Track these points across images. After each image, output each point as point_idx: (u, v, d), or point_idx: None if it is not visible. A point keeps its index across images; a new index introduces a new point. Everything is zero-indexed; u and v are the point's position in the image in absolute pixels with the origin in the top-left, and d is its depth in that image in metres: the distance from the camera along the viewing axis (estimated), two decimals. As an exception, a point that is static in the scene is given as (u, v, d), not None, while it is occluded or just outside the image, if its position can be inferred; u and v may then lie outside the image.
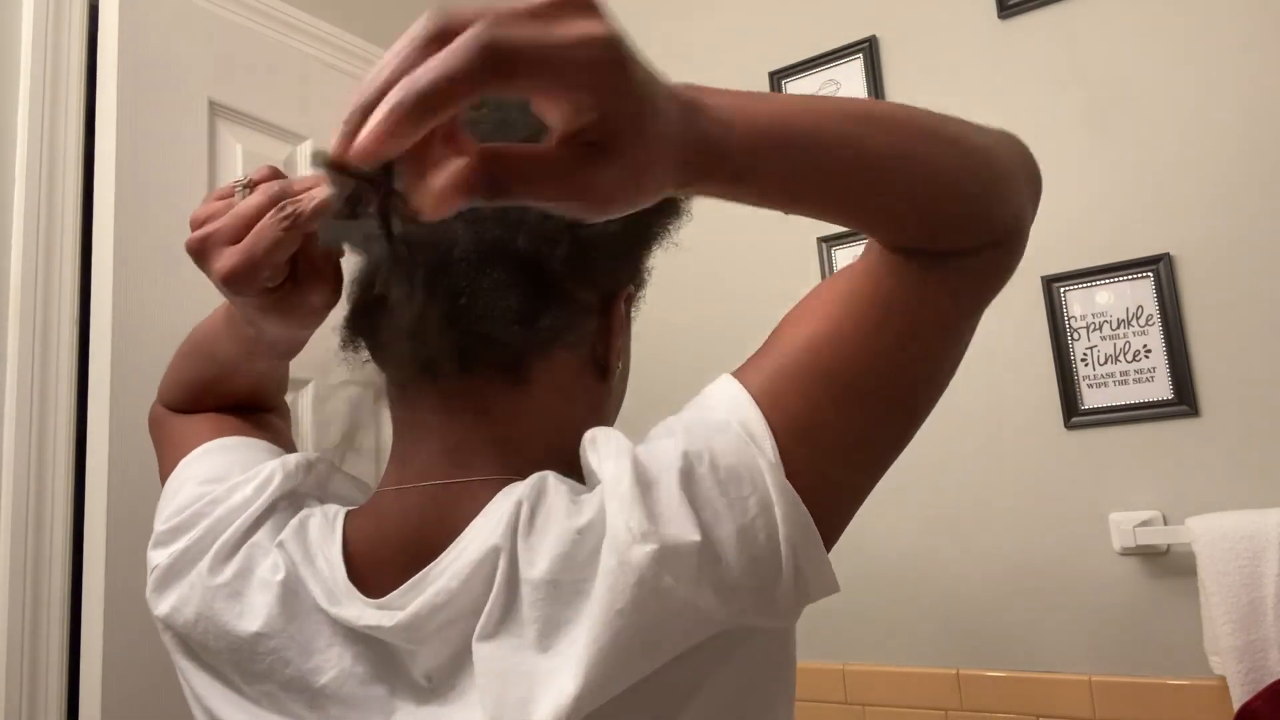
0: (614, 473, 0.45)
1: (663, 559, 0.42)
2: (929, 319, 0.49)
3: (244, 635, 0.49)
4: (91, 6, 1.21)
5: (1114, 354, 1.37)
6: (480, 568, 0.45)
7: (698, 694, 0.45)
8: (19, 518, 1.05)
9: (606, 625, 0.42)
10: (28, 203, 1.11)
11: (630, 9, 1.97)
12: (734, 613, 0.44)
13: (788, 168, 0.41)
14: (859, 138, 0.42)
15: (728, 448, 0.46)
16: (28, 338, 1.09)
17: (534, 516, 0.46)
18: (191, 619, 0.50)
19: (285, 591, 0.49)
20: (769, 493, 0.44)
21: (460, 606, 0.45)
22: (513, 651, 0.44)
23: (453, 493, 0.50)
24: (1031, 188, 0.52)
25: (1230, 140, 1.32)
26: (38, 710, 1.04)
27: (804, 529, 0.45)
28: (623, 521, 0.42)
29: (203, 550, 0.51)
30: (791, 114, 0.41)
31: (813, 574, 0.45)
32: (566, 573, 0.44)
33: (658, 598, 0.42)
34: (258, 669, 0.49)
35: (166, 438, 0.67)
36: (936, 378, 0.51)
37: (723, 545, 0.43)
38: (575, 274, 0.51)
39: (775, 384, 0.48)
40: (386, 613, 0.46)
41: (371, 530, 0.51)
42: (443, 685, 0.47)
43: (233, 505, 0.53)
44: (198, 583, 0.50)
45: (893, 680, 1.49)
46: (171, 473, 0.60)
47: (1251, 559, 1.15)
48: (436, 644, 0.46)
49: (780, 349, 0.50)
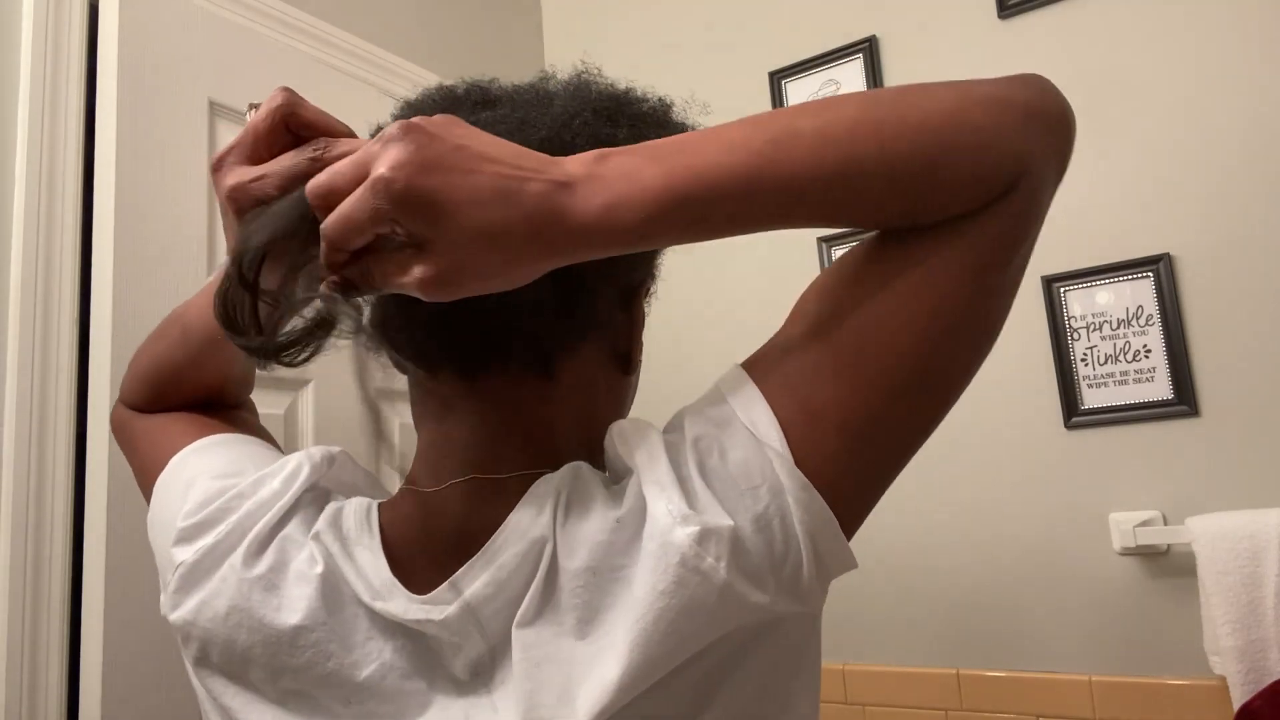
0: (648, 461, 0.45)
1: (704, 540, 0.42)
2: (935, 291, 0.46)
3: (283, 628, 0.48)
4: (91, 6, 1.21)
5: (1114, 354, 1.37)
6: (526, 559, 0.46)
7: (728, 681, 0.45)
8: (19, 518, 1.05)
9: (649, 606, 0.42)
10: (28, 203, 1.11)
11: (630, 9, 1.97)
12: (765, 598, 0.44)
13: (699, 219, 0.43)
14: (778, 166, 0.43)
15: (734, 440, 0.46)
16: (28, 338, 1.09)
17: (571, 506, 0.46)
18: (223, 613, 0.49)
19: (325, 584, 0.49)
20: (779, 480, 0.45)
21: (507, 598, 0.46)
22: (552, 638, 0.44)
23: (488, 487, 0.51)
24: (1041, 125, 0.47)
25: (1230, 140, 1.32)
26: (38, 710, 1.04)
27: (817, 513, 0.45)
28: (663, 506, 0.43)
29: (234, 544, 0.51)
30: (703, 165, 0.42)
31: (831, 556, 0.46)
32: (605, 560, 0.44)
33: (700, 578, 0.42)
34: (295, 663, 0.48)
35: (140, 437, 0.66)
36: (950, 352, 0.48)
37: (743, 533, 0.43)
38: (602, 269, 0.51)
39: (782, 372, 0.48)
40: (435, 607, 0.47)
41: (408, 525, 0.51)
42: (483, 676, 0.47)
43: (262, 498, 0.52)
44: (230, 576, 0.50)
45: (893, 680, 1.49)
46: (161, 472, 0.60)
47: (1251, 559, 1.15)
48: (480, 636, 0.47)
49: (787, 335, 0.50)
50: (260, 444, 0.62)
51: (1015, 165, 0.45)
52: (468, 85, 0.58)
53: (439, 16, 1.84)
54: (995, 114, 0.45)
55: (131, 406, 0.69)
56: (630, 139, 0.51)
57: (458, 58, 1.85)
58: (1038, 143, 0.46)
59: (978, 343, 0.48)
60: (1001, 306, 0.49)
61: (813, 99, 0.47)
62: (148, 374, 0.67)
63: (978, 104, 0.45)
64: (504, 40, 2.00)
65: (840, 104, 0.45)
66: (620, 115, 0.53)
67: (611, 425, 0.50)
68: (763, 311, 0.62)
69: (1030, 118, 0.46)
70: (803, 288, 0.53)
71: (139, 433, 0.67)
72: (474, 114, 0.53)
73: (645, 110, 0.55)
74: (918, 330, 0.46)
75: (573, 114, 0.52)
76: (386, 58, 1.66)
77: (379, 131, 0.55)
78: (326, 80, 1.48)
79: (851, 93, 0.47)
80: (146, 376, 0.67)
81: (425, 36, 1.79)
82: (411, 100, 0.58)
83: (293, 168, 0.47)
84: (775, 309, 0.54)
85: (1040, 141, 0.46)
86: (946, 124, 0.44)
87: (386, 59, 1.66)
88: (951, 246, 0.46)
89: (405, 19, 1.75)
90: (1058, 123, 0.48)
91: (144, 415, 0.67)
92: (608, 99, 0.55)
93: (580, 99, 0.54)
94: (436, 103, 0.56)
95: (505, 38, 2.01)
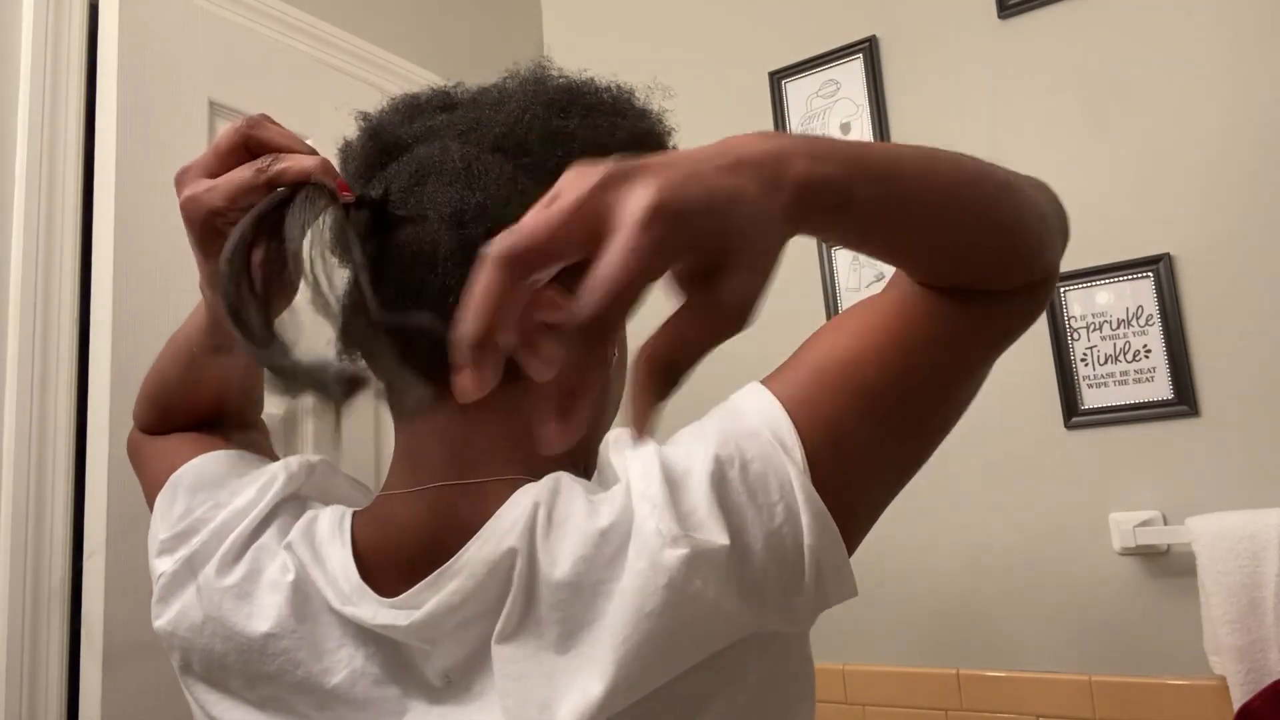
0: (642, 474, 0.45)
1: (693, 562, 0.42)
2: (956, 353, 0.50)
3: (254, 636, 0.49)
4: (91, 6, 1.21)
5: (1114, 354, 1.37)
6: (496, 569, 0.45)
7: (716, 699, 0.45)
8: (19, 518, 1.05)
9: (635, 627, 0.42)
10: (28, 203, 1.11)
11: (630, 9, 1.97)
12: (757, 618, 0.44)
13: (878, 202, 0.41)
14: (941, 179, 0.45)
15: (758, 454, 0.45)
16: (28, 338, 1.09)
17: (552, 517, 0.46)
18: (198, 622, 0.50)
19: (295, 592, 0.49)
20: (796, 499, 0.44)
21: (476, 607, 0.45)
22: (533, 653, 0.44)
23: (463, 492, 0.50)
24: (1063, 234, 0.54)
25: (1230, 140, 1.32)
26: (38, 710, 1.04)
27: (829, 537, 0.45)
28: (654, 525, 0.43)
29: (209, 554, 0.51)
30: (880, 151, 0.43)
31: (833, 582, 0.46)
32: (588, 575, 0.44)
33: (687, 600, 0.42)
34: (267, 670, 0.48)
35: (148, 459, 0.66)
36: (955, 407, 0.52)
37: (750, 550, 0.43)
38: None
39: (808, 394, 0.48)
40: (401, 612, 0.46)
41: (381, 531, 0.51)
42: (458, 685, 0.47)
43: (237, 508, 0.53)
44: (204, 585, 0.50)
45: (893, 680, 1.49)
46: (162, 488, 0.60)
47: (1251, 559, 1.15)
48: (451, 644, 0.46)
49: (813, 362, 0.50)
50: (256, 459, 0.62)
51: (1051, 265, 0.52)
52: (431, 91, 0.58)
53: (439, 16, 1.84)
54: (1053, 216, 0.52)
55: (143, 429, 0.69)
56: (583, 130, 0.52)
57: (457, 58, 1.85)
58: (1060, 253, 0.53)
59: (970, 399, 0.53)
60: (986, 374, 0.54)
61: None
62: (151, 393, 0.68)
63: (1050, 202, 0.52)
64: (504, 40, 2.00)
65: (958, 154, 0.47)
66: (572, 107, 0.53)
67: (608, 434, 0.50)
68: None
69: (1064, 233, 0.53)
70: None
71: (147, 454, 0.67)
72: (433, 117, 0.53)
73: (598, 101, 0.55)
74: (942, 384, 0.50)
75: (524, 109, 0.52)
76: (386, 58, 1.66)
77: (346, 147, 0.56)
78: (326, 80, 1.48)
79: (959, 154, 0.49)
80: (150, 396, 0.68)
81: (425, 36, 1.79)
82: (371, 112, 0.57)
83: (239, 179, 0.48)
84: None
85: (1060, 253, 0.53)
86: (1033, 205, 0.49)
87: (386, 59, 1.66)
88: (982, 320, 0.50)
89: (405, 19, 1.75)
90: (1066, 239, 0.54)
91: (154, 437, 0.68)
92: (560, 91, 0.54)
93: (533, 94, 0.54)
94: (399, 109, 0.56)
95: (505, 38, 2.01)
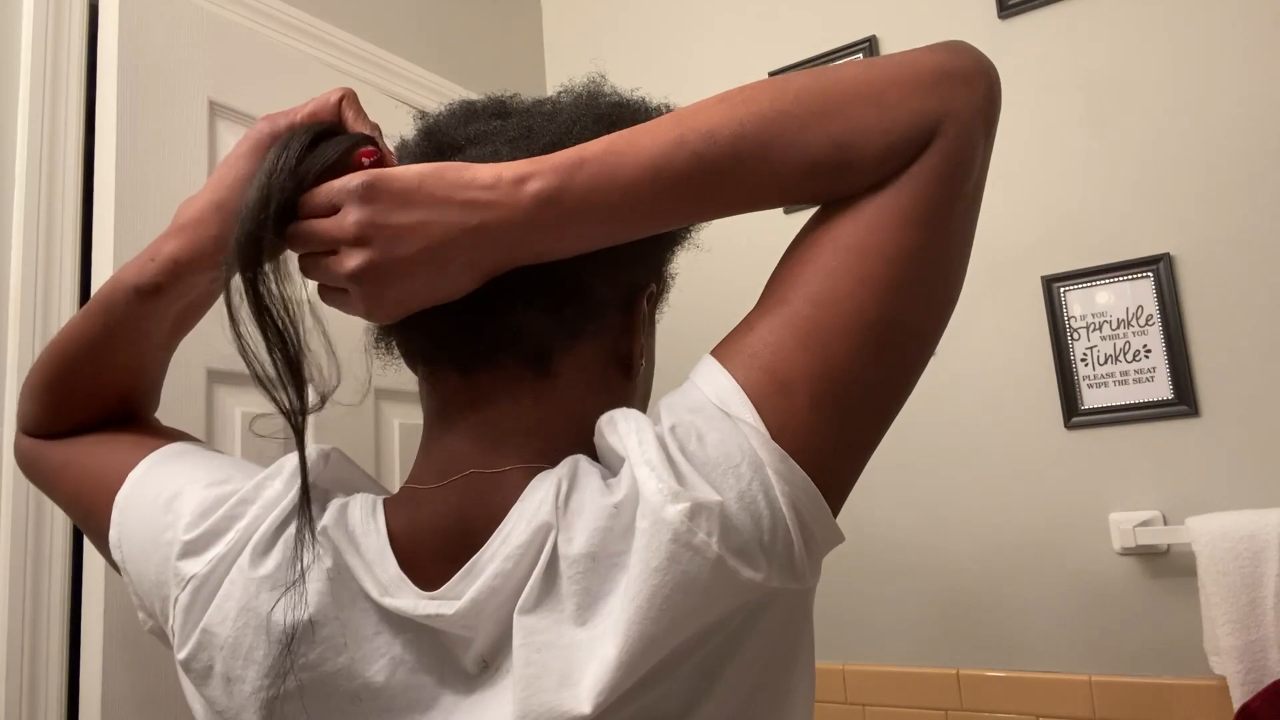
0: (638, 444, 0.46)
1: (695, 516, 0.43)
2: (895, 235, 0.48)
3: (295, 624, 0.49)
4: (91, 6, 1.21)
5: (1114, 354, 1.37)
6: (531, 546, 0.46)
7: (727, 668, 0.45)
8: (19, 518, 1.05)
9: (644, 584, 0.42)
10: (28, 203, 1.11)
11: (630, 10, 1.97)
12: (758, 576, 0.44)
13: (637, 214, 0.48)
14: (698, 158, 0.47)
15: (709, 423, 0.47)
16: (28, 338, 1.09)
17: (571, 494, 0.47)
18: (233, 615, 0.49)
19: (334, 580, 0.49)
20: (757, 455, 0.45)
21: (513, 587, 0.46)
22: (553, 625, 0.45)
23: (490, 482, 0.51)
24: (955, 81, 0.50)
25: (1231, 140, 1.32)
26: (38, 710, 1.04)
27: (799, 483, 0.46)
28: (654, 485, 0.44)
29: (241, 548, 0.51)
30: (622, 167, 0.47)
31: (818, 526, 0.46)
32: (603, 547, 0.45)
33: (692, 553, 0.43)
34: (307, 659, 0.48)
35: (67, 467, 0.64)
36: (922, 298, 0.50)
37: (730, 510, 0.44)
38: (596, 268, 0.52)
39: (748, 348, 0.49)
40: (446, 602, 0.47)
41: (412, 521, 0.52)
42: (491, 668, 0.48)
43: (266, 501, 0.53)
44: (238, 578, 0.50)
45: (893, 680, 1.49)
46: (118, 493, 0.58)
47: (1251, 559, 1.15)
48: (489, 627, 0.47)
49: (750, 316, 0.51)
50: (215, 450, 0.62)
51: (925, 122, 0.48)
52: (488, 99, 0.60)
53: (439, 17, 1.84)
54: (899, 83, 0.49)
55: (35, 432, 0.67)
56: None
57: (458, 57, 1.85)
58: (953, 98, 0.49)
59: (937, 292, 0.51)
60: (953, 252, 0.51)
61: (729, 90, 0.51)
62: (49, 379, 0.65)
63: (881, 76, 0.49)
64: (504, 41, 2.00)
65: (754, 98, 0.49)
66: (620, 123, 0.55)
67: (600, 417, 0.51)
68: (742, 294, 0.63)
69: (941, 78, 0.49)
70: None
71: (59, 464, 0.65)
72: (487, 123, 0.56)
73: (647, 119, 0.56)
74: (874, 284, 0.48)
75: (574, 120, 0.55)
76: (387, 58, 1.66)
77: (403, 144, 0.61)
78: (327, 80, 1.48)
79: (764, 82, 0.50)
80: (47, 383, 0.66)
81: (425, 37, 1.79)
82: (429, 113, 0.60)
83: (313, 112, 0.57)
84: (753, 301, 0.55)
85: (955, 96, 0.49)
86: (848, 105, 0.48)
87: (387, 59, 1.66)
88: (891, 200, 0.48)
89: (406, 19, 1.75)
90: (973, 76, 0.51)
91: (58, 443, 0.66)
92: (611, 108, 0.57)
93: (585, 108, 0.56)
94: (455, 113, 0.58)
95: (505, 38, 2.01)
